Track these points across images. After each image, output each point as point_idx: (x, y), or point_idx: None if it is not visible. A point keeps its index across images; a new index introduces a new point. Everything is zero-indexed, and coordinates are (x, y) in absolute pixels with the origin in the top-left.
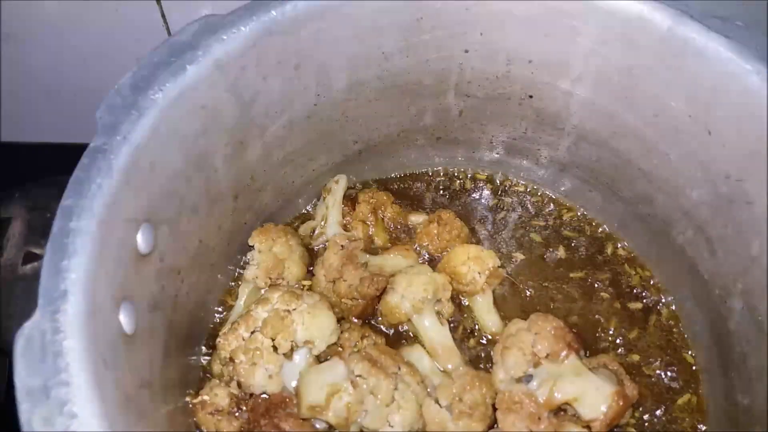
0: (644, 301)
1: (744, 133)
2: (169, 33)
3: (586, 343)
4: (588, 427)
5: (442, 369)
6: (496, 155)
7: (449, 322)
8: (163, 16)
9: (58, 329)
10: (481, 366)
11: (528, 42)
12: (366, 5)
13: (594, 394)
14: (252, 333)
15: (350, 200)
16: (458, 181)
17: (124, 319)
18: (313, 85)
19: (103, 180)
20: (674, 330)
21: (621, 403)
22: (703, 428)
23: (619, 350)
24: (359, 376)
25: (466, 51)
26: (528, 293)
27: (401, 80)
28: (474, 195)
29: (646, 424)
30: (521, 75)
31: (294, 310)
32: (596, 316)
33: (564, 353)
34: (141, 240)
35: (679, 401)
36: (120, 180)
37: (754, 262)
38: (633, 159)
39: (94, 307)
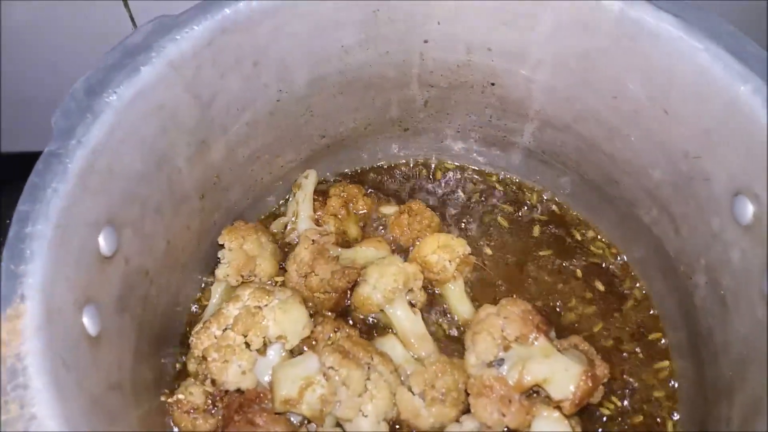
0: (614, 280)
1: (698, 111)
2: None
3: (558, 324)
4: (558, 407)
5: (415, 357)
6: (464, 144)
7: (422, 311)
8: (132, 19)
9: None
10: (455, 352)
11: (486, 30)
12: (322, 1)
13: (563, 374)
14: (224, 331)
15: (321, 194)
16: (427, 171)
17: (88, 322)
18: (273, 81)
19: (58, 184)
20: (644, 308)
21: (590, 383)
22: (676, 404)
23: (590, 330)
24: (331, 368)
25: (426, 41)
26: (500, 278)
27: (363, 73)
28: (444, 184)
29: (620, 401)
30: (482, 63)
31: (265, 306)
32: (567, 297)
33: (533, 335)
34: (103, 243)
35: (651, 377)
36: (77, 184)
37: (715, 238)
38: (596, 142)
39: (53, 311)
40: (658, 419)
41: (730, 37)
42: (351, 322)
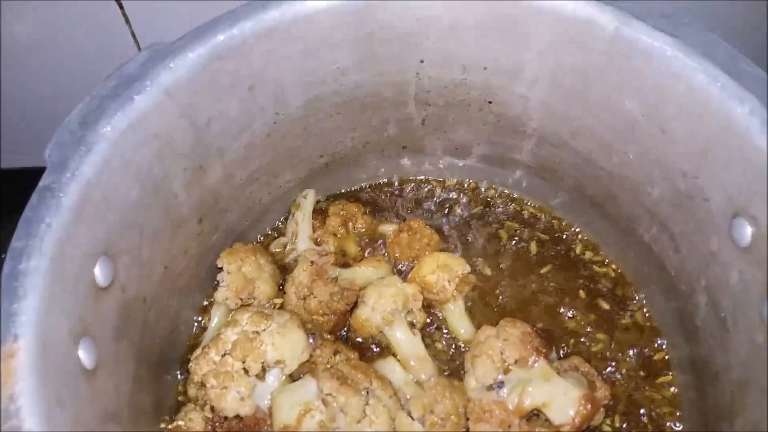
0: (616, 298)
1: (695, 130)
2: None
3: (559, 344)
4: (559, 431)
5: (415, 380)
6: (463, 161)
7: (422, 332)
8: (133, 35)
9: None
10: (456, 373)
11: (481, 49)
12: (315, 23)
13: (562, 398)
14: (222, 356)
15: (321, 213)
16: (427, 189)
17: (84, 355)
18: (270, 104)
19: (52, 218)
20: (647, 327)
21: (589, 407)
22: (678, 425)
23: (592, 349)
24: (329, 394)
25: (422, 61)
26: (501, 297)
27: (360, 93)
28: (443, 201)
29: (622, 422)
30: (478, 81)
31: (263, 330)
32: (569, 316)
33: (533, 358)
34: (99, 273)
35: (654, 397)
36: (71, 216)
37: (713, 258)
38: (594, 159)
39: (48, 347)
40: None
41: (726, 57)
42: (351, 343)
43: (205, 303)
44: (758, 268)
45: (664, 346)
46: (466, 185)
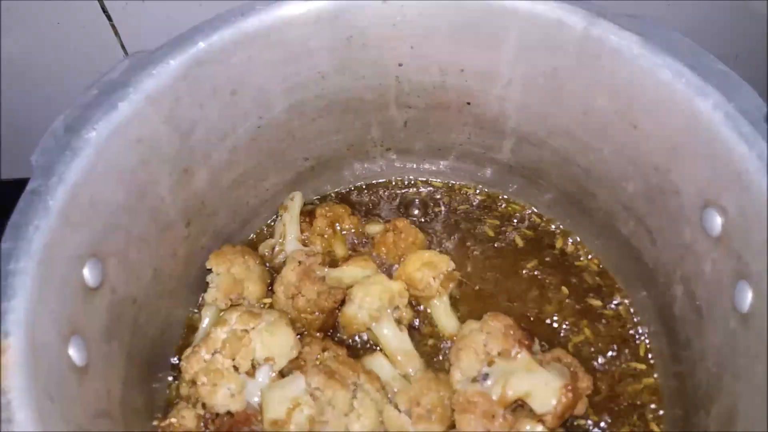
0: (597, 291)
1: (664, 125)
2: None
3: (542, 336)
4: (541, 421)
5: (403, 374)
6: (446, 161)
7: (408, 328)
8: (123, 48)
9: None
10: (443, 368)
11: (457, 52)
12: (293, 30)
13: (544, 389)
14: (213, 354)
15: (308, 215)
16: (412, 189)
17: (74, 353)
18: (253, 109)
19: (40, 221)
20: (627, 318)
21: (570, 396)
22: (659, 413)
23: (575, 341)
24: (317, 389)
25: (400, 65)
26: (485, 292)
27: (341, 97)
28: (428, 201)
29: (605, 413)
30: (456, 84)
31: (252, 329)
32: (552, 309)
33: (515, 350)
34: (88, 274)
35: (636, 388)
36: (59, 219)
37: (687, 250)
38: (571, 157)
39: (38, 345)
40: (644, 430)
41: (690, 53)
42: (339, 341)
43: (196, 304)
44: (729, 257)
45: (644, 337)
46: (449, 184)
